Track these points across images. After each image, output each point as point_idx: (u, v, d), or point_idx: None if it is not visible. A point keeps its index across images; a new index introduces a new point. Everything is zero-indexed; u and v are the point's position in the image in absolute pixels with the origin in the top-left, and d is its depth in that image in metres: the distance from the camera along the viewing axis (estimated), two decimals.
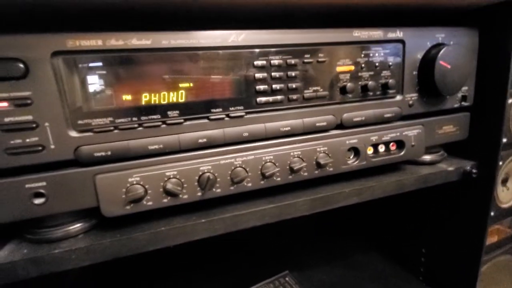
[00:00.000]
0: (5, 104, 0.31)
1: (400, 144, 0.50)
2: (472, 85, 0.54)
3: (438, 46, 0.48)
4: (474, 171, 0.55)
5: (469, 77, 0.52)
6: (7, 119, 0.31)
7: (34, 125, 0.32)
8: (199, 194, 0.39)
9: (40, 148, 0.32)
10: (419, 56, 0.49)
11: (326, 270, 0.77)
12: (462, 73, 0.49)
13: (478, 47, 0.52)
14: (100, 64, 0.34)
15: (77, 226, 0.38)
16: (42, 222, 0.36)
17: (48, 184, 0.33)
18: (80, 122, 0.34)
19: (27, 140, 0.32)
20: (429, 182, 0.54)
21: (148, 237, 0.38)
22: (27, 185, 0.33)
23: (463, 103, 0.54)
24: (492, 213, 0.57)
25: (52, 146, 0.33)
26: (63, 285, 0.51)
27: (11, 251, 0.35)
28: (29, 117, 0.32)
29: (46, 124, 0.32)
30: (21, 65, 0.30)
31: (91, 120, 0.34)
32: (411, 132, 0.50)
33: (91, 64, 0.33)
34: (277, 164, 0.42)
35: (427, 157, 0.57)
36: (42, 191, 0.33)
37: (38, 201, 0.33)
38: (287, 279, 0.72)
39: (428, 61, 0.48)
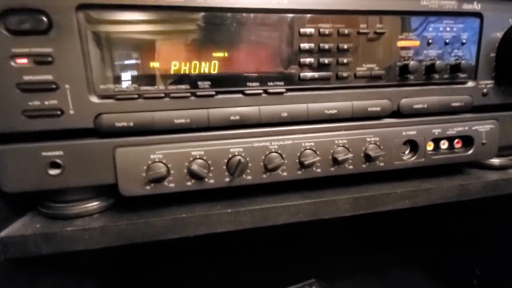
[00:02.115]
0: (24, 60, 0.28)
1: (467, 140, 0.41)
2: None
3: None
4: None
5: None
6: (26, 78, 0.28)
7: (53, 86, 0.29)
8: (227, 179, 0.34)
9: (58, 112, 0.29)
10: (499, 35, 0.40)
11: (358, 283, 0.69)
12: None
13: None
14: (128, 22, 0.30)
15: (94, 204, 0.34)
16: (58, 196, 0.34)
17: (65, 154, 0.30)
18: (102, 86, 0.30)
19: (46, 102, 0.29)
20: (499, 190, 0.45)
21: (167, 223, 0.33)
22: (43, 153, 0.30)
23: None
24: None
25: (71, 111, 0.30)
26: (78, 267, 0.49)
27: (24, 224, 0.33)
28: (49, 77, 0.29)
29: (67, 86, 0.29)
30: (44, 18, 0.28)
31: (114, 86, 0.31)
32: (483, 127, 0.41)
33: (118, 22, 0.30)
34: (318, 153, 0.36)
35: (495, 161, 0.48)
36: (58, 161, 0.30)
37: (53, 171, 0.30)
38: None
39: (510, 41, 0.39)
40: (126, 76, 0.31)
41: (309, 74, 0.35)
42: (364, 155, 0.37)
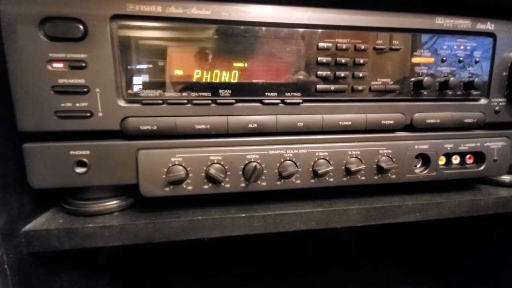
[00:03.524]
0: (60, 65, 0.30)
1: (479, 156, 0.42)
2: None
3: None
4: None
5: None
6: (61, 81, 0.30)
7: (85, 90, 0.31)
8: (243, 185, 0.35)
9: (88, 114, 0.31)
10: (511, 54, 0.41)
11: None
12: None
13: None
14: (157, 32, 0.32)
15: (114, 203, 0.36)
16: (81, 194, 0.35)
17: (91, 154, 0.32)
18: (129, 91, 0.32)
19: (77, 104, 0.31)
20: (510, 207, 0.45)
21: (183, 224, 0.34)
22: (71, 152, 0.32)
23: None
24: None
25: (100, 114, 0.31)
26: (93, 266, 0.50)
27: (48, 219, 0.34)
28: (82, 81, 0.30)
29: (97, 90, 0.31)
30: (81, 26, 0.30)
31: (140, 91, 0.32)
32: (494, 144, 0.42)
33: (148, 32, 0.32)
34: (331, 163, 0.37)
35: (506, 177, 0.48)
36: (85, 160, 0.32)
37: (80, 170, 0.32)
38: None
39: None
40: (152, 82, 0.33)
41: (325, 86, 0.36)
42: (377, 167, 0.38)
